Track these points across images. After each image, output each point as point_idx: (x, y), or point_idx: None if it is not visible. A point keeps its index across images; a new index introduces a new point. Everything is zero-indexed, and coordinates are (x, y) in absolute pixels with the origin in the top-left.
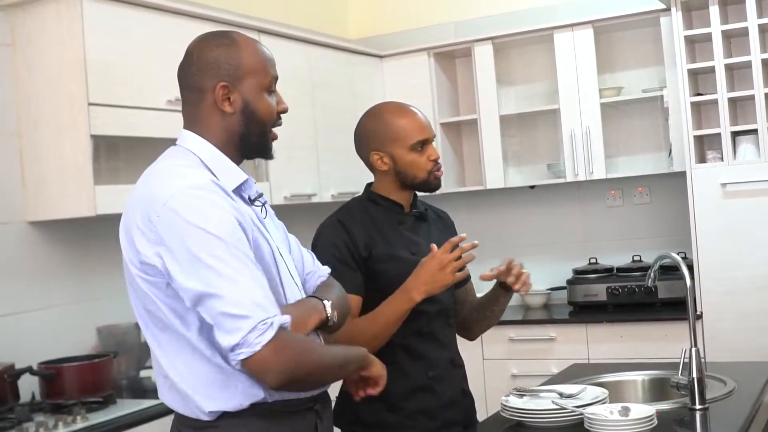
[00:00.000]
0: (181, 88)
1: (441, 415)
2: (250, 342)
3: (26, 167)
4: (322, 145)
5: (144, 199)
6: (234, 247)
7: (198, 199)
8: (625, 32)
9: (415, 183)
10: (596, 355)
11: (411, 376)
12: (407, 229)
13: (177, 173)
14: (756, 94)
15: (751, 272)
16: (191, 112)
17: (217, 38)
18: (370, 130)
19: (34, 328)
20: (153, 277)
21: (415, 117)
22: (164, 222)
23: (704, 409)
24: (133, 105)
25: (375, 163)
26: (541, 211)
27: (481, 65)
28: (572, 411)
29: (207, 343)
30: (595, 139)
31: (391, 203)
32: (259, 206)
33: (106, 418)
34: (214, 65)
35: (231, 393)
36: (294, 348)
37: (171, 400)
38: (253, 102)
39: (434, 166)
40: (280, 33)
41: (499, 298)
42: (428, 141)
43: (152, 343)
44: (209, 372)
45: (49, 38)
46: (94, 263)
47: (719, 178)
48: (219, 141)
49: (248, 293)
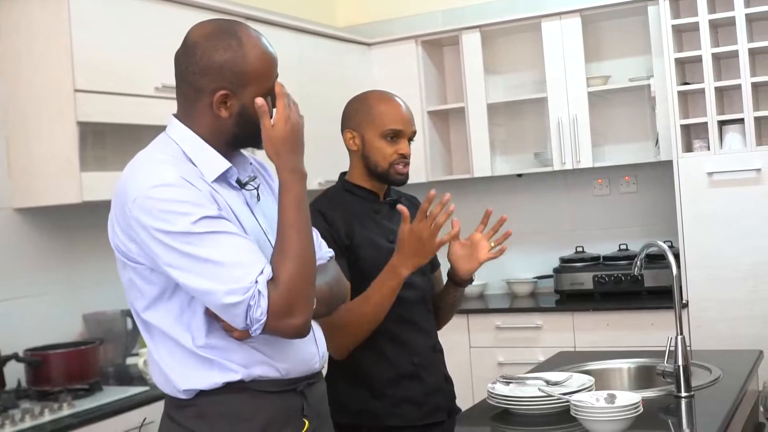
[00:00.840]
0: (179, 78)
1: (427, 402)
2: (254, 319)
3: (12, 154)
4: (308, 132)
5: (121, 190)
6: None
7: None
8: (613, 21)
9: (376, 171)
10: (582, 343)
11: (395, 363)
12: (383, 218)
13: (149, 170)
14: (743, 84)
15: (737, 261)
16: (184, 104)
17: (225, 39)
18: (352, 110)
19: (20, 315)
20: (133, 264)
21: (398, 108)
22: (135, 220)
23: (690, 396)
24: (120, 92)
25: (347, 142)
26: (528, 199)
27: (468, 53)
28: (558, 398)
29: (183, 329)
30: (582, 128)
31: (365, 192)
32: (251, 189)
33: (92, 405)
34: (218, 71)
35: (205, 372)
36: (291, 295)
37: (157, 380)
38: (250, 107)
39: (399, 158)
40: (267, 20)
41: (449, 290)
42: (403, 134)
43: (141, 326)
44: (184, 355)
45: (35, 25)
46: (80, 250)
47: (706, 167)
48: (207, 134)
49: (228, 275)
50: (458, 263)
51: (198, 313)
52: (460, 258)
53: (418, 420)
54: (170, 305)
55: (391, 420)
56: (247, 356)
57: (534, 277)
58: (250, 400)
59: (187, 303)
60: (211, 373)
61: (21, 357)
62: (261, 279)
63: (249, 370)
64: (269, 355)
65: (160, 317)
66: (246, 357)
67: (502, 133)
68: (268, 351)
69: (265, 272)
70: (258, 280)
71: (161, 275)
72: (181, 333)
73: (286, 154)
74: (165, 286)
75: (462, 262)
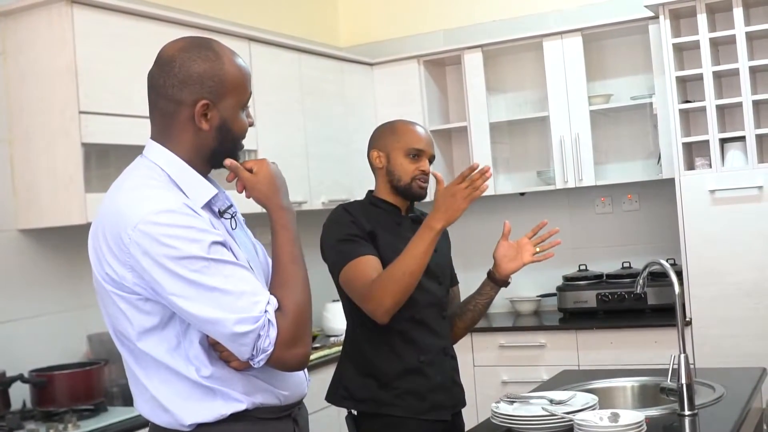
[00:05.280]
0: (155, 95)
1: (430, 397)
2: (261, 349)
3: (17, 175)
4: (312, 152)
5: (114, 217)
6: (212, 262)
7: (169, 224)
8: (614, 40)
9: (399, 186)
10: (586, 361)
11: (403, 358)
12: (405, 230)
13: (147, 195)
14: (743, 102)
15: (739, 278)
16: (162, 122)
17: (201, 50)
18: (379, 132)
19: (25, 335)
20: (126, 294)
21: (421, 132)
22: (137, 246)
23: (693, 415)
24: (124, 113)
25: (374, 160)
26: (530, 218)
27: (470, 73)
28: (562, 417)
29: (183, 360)
30: (585, 146)
31: (389, 206)
32: (228, 218)
33: (97, 426)
34: (198, 81)
35: (210, 405)
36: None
37: (148, 411)
38: (229, 120)
39: (420, 174)
40: (270, 41)
41: (485, 288)
42: (424, 154)
43: (126, 355)
44: (186, 387)
45: (40, 46)
46: (85, 271)
47: (708, 185)
48: (187, 154)
49: (237, 304)
50: (502, 261)
51: (194, 343)
52: (504, 257)
53: (421, 413)
54: (164, 335)
55: (394, 410)
56: (249, 385)
57: (537, 296)
58: (248, 427)
59: (183, 333)
60: (214, 404)
61: (26, 378)
62: (270, 309)
63: (252, 398)
64: (270, 382)
65: (152, 346)
66: (248, 385)
67: (504, 151)
68: (268, 378)
69: (272, 302)
70: (267, 309)
71: (157, 304)
72: (182, 364)
73: (273, 195)
74: (161, 316)
75: (506, 261)
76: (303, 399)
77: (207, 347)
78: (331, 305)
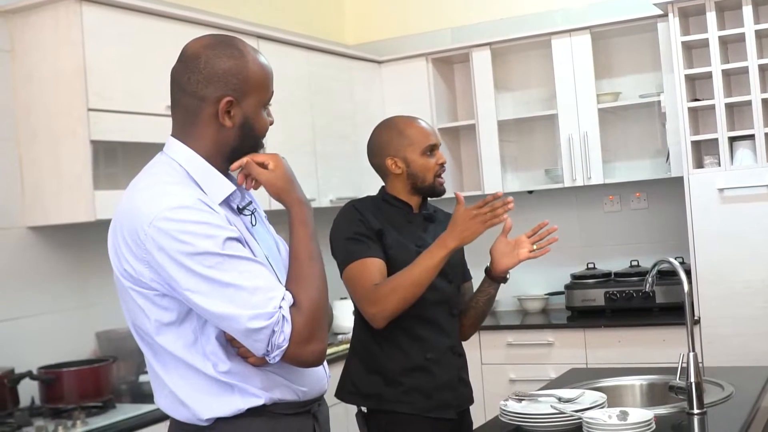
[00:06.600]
0: (178, 91)
1: (436, 395)
2: (276, 345)
3: (25, 173)
4: (320, 150)
5: (130, 214)
6: (227, 257)
7: (184, 220)
8: (623, 38)
9: (424, 185)
10: (594, 359)
11: (409, 355)
12: (415, 227)
13: (163, 191)
14: (753, 100)
15: (748, 277)
16: (185, 118)
17: (226, 48)
18: (386, 140)
19: (33, 333)
20: (144, 290)
21: (424, 126)
22: (152, 242)
23: (702, 413)
24: (133, 110)
25: (390, 167)
26: (538, 216)
27: (478, 71)
28: (571, 415)
29: (200, 356)
30: (593, 145)
31: (401, 203)
32: (248, 215)
33: (106, 423)
34: (223, 78)
35: (227, 400)
36: (313, 321)
37: (168, 406)
38: (252, 118)
39: (440, 169)
40: (278, 39)
41: (483, 286)
42: (436, 146)
43: (146, 350)
44: (204, 382)
45: (48, 44)
46: (93, 268)
47: (716, 183)
48: (208, 151)
49: (252, 300)
50: (499, 258)
51: (211, 339)
52: (501, 253)
53: (427, 411)
54: (181, 331)
55: (400, 407)
56: (267, 380)
57: (545, 294)
58: (266, 423)
59: (200, 329)
60: (232, 399)
61: (35, 375)
62: (284, 305)
63: (270, 393)
64: (288, 378)
65: (170, 342)
66: (266, 381)
67: (512, 149)
68: (286, 374)
69: (287, 298)
70: (282, 305)
71: (173, 300)
72: (199, 360)
73: (289, 189)
74: (177, 311)
75: (502, 257)
76: (323, 395)
77: (224, 343)
78: (338, 302)
